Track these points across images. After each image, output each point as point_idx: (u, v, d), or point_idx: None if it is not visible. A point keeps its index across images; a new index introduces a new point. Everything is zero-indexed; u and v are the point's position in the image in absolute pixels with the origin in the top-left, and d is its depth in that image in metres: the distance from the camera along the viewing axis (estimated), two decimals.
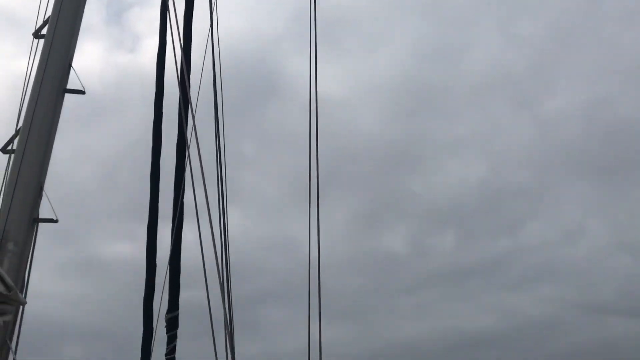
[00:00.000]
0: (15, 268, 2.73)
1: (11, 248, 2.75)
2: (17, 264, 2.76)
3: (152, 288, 6.28)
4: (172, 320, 7.21)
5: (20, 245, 2.82)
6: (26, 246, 2.87)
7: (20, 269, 2.78)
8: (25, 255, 2.85)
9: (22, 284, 2.79)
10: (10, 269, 2.69)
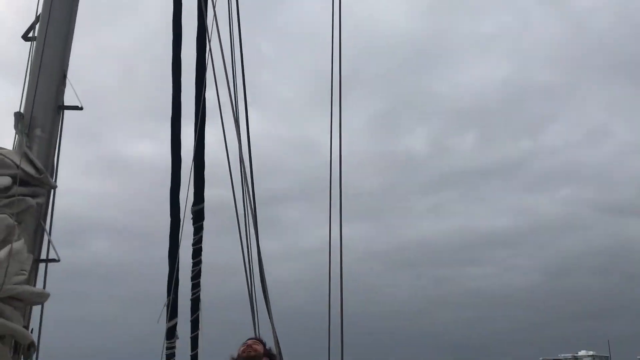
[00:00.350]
0: (44, 153, 2.76)
1: (39, 134, 2.77)
2: (46, 149, 2.78)
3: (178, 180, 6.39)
4: (198, 212, 7.43)
5: (47, 132, 2.82)
6: (53, 133, 2.88)
7: (49, 154, 2.81)
8: (53, 142, 2.86)
9: (52, 169, 2.83)
10: (39, 153, 2.72)
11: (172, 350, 8.44)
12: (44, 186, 2.66)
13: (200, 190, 7.07)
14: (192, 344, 9.09)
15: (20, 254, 2.35)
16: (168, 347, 8.26)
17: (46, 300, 2.48)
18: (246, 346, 3.60)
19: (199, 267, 8.25)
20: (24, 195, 2.52)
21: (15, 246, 2.30)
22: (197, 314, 8.65)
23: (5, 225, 2.35)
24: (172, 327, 8.13)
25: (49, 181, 2.68)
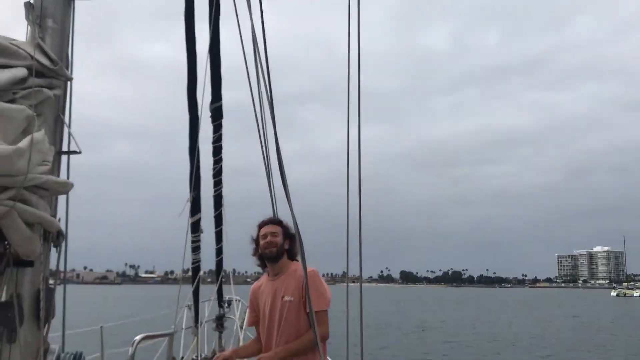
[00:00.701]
0: (57, 44, 2.68)
1: (50, 25, 2.67)
2: (59, 41, 2.69)
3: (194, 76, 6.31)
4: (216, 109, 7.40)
5: (59, 23, 2.72)
6: (65, 24, 2.77)
7: (62, 45, 2.72)
8: (65, 33, 2.77)
9: (66, 61, 2.77)
10: (52, 45, 2.64)
11: (197, 243, 8.73)
12: (60, 77, 2.61)
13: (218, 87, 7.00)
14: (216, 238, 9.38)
15: (42, 144, 2.34)
16: (193, 241, 8.55)
17: (70, 189, 2.50)
18: (267, 242, 3.58)
19: (219, 165, 8.34)
20: (41, 86, 2.48)
21: (36, 136, 2.29)
22: (220, 210, 8.86)
23: (24, 116, 2.33)
24: (196, 222, 8.36)
25: (64, 72, 2.63)
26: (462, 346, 26.04)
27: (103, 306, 56.40)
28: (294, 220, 3.02)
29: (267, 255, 3.58)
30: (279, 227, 3.63)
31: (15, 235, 2.23)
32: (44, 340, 2.45)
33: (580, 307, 76.89)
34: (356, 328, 3.31)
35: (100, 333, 7.98)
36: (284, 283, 3.53)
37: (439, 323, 42.12)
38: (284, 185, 2.74)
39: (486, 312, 60.18)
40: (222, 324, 10.29)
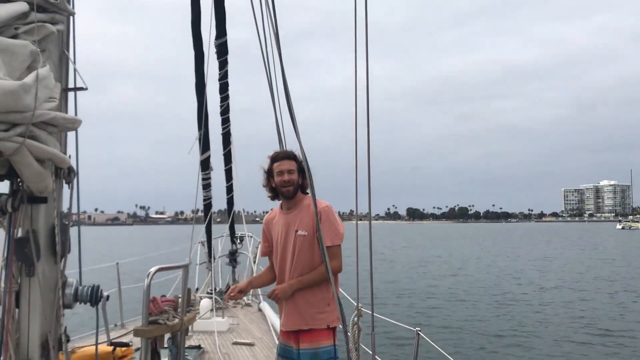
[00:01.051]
0: None
1: None
2: None
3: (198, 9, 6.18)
4: (221, 45, 7.28)
5: None
6: None
7: None
8: None
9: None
10: None
11: (208, 181, 8.80)
12: (62, 12, 2.54)
13: (222, 23, 6.86)
14: (226, 176, 9.43)
15: (47, 80, 2.30)
16: (204, 178, 8.61)
17: (79, 126, 2.49)
18: (284, 181, 3.54)
19: (227, 102, 8.30)
20: (43, 21, 2.43)
21: (41, 72, 2.25)
22: (229, 148, 8.87)
23: (28, 52, 2.28)
24: (205, 160, 8.40)
25: (66, 7, 2.56)
26: (469, 280, 26.45)
27: (116, 246, 57.55)
28: (304, 156, 3.01)
29: (283, 194, 3.57)
30: (294, 162, 3.57)
31: (27, 172, 2.23)
32: (62, 274, 2.50)
33: (586, 239, 77.63)
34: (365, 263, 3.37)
35: (117, 269, 8.19)
36: (297, 217, 3.55)
37: (447, 257, 42.74)
38: (292, 120, 2.71)
39: (491, 246, 60.91)
40: (235, 259, 10.52)
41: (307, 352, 3.40)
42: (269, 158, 3.66)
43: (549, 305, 18.57)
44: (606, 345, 13.02)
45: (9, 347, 2.37)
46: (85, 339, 5.51)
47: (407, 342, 11.73)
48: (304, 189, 3.60)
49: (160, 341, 2.57)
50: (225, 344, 6.93)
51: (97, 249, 42.43)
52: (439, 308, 17.88)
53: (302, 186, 3.58)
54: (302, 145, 2.70)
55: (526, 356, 12.12)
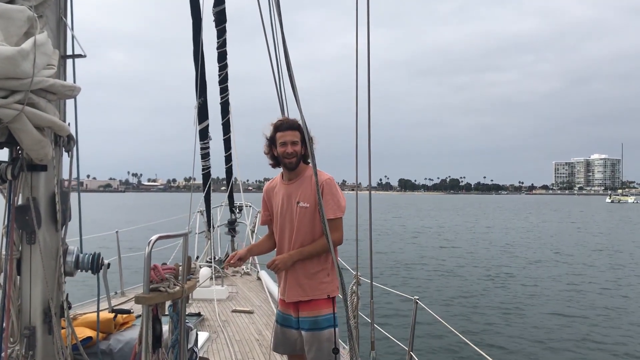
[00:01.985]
0: None
1: None
2: None
3: None
4: (219, 13, 7.14)
5: None
6: None
7: None
8: None
9: None
10: None
11: (207, 150, 8.73)
12: None
13: None
14: (225, 146, 9.35)
15: (45, 47, 2.24)
16: (202, 148, 8.54)
17: (78, 93, 2.43)
18: (287, 152, 3.45)
19: (225, 71, 8.18)
20: None
21: (39, 38, 2.18)
22: (228, 118, 8.78)
23: (26, 17, 2.22)
24: (204, 129, 8.32)
25: None
26: (462, 251, 26.65)
27: (113, 214, 57.39)
28: (305, 126, 2.96)
29: (286, 165, 3.51)
30: (298, 133, 3.46)
31: (26, 139, 2.19)
32: (62, 241, 2.48)
33: (575, 212, 78.21)
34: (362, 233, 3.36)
35: (117, 237, 8.19)
36: (299, 188, 3.50)
37: (437, 228, 43.00)
38: (293, 89, 2.66)
39: (483, 217, 61.28)
40: (234, 229, 10.53)
41: (306, 320, 3.41)
42: (271, 125, 3.55)
43: (542, 278, 18.72)
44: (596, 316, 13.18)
45: (11, 313, 2.37)
46: (87, 306, 5.53)
47: (404, 311, 11.85)
48: (305, 159, 3.55)
49: (161, 308, 2.57)
50: (225, 312, 6.98)
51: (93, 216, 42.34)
52: (433, 279, 18.03)
53: (304, 156, 3.52)
54: (303, 114, 2.67)
55: (520, 323, 12.29)
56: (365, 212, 3.51)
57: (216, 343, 5.66)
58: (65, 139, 2.48)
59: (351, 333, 3.05)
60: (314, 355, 3.39)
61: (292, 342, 3.54)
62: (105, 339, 2.83)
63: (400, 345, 4.19)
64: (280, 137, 3.48)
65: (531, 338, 10.92)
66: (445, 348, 9.75)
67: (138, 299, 2.32)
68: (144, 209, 73.99)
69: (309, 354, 3.41)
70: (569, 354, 10.02)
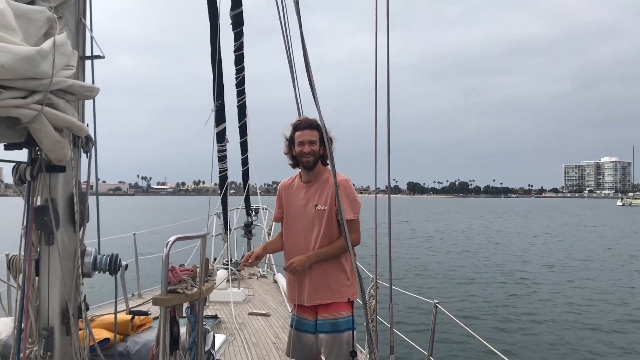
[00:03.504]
0: None
1: None
2: None
3: None
4: (237, 16, 7.10)
5: None
6: None
7: None
8: None
9: None
10: None
11: (224, 153, 8.69)
12: None
13: None
14: (241, 149, 9.30)
15: (65, 47, 2.20)
16: (219, 150, 8.50)
17: (97, 94, 2.39)
18: (305, 152, 3.40)
19: (242, 74, 8.14)
20: None
21: (58, 39, 2.15)
22: (245, 120, 8.73)
23: (45, 18, 2.18)
24: (221, 132, 8.27)
25: None
26: (477, 255, 26.26)
27: (123, 216, 57.50)
28: (323, 126, 2.90)
29: (303, 164, 3.45)
30: (316, 132, 3.39)
31: (45, 140, 2.15)
32: (81, 242, 2.44)
33: (587, 216, 77.30)
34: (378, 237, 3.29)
35: (134, 239, 8.17)
36: (317, 191, 3.43)
37: (451, 232, 42.63)
38: (312, 89, 2.60)
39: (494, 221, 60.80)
40: (251, 231, 10.48)
41: (326, 322, 3.33)
42: (291, 125, 3.50)
43: (561, 283, 18.33)
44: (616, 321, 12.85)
45: (29, 314, 2.33)
46: (104, 307, 5.50)
47: (423, 315, 11.68)
48: (324, 160, 3.48)
49: (178, 310, 2.52)
50: (242, 314, 6.93)
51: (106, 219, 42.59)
52: (451, 283, 17.71)
53: (322, 157, 3.45)
54: (322, 115, 2.60)
55: (542, 329, 12.04)
56: (378, 216, 3.44)
57: (233, 346, 5.61)
58: (83, 139, 2.44)
59: (370, 337, 2.98)
60: (335, 358, 3.31)
61: (308, 347, 3.46)
62: (122, 341, 2.78)
63: (420, 349, 4.10)
64: (299, 136, 3.43)
65: (553, 343, 10.64)
66: (466, 353, 9.52)
67: (155, 301, 2.27)
68: (156, 212, 74.21)
69: (328, 357, 3.34)
70: None
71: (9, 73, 1.88)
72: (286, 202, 3.60)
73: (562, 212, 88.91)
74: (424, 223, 54.97)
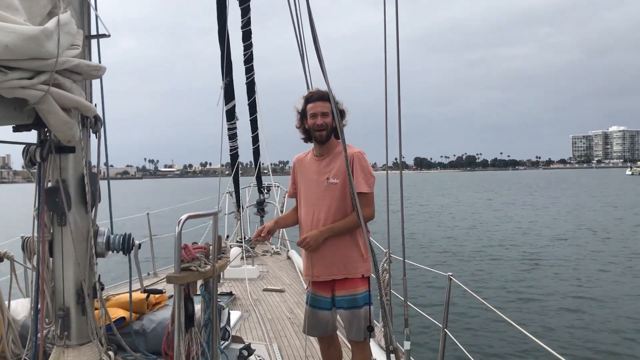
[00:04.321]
0: None
1: None
2: None
3: None
4: None
5: None
6: None
7: None
8: None
9: None
10: None
11: (234, 131, 8.64)
12: None
13: None
14: (252, 127, 9.23)
15: (69, 26, 2.16)
16: (229, 129, 8.44)
17: (103, 73, 2.35)
18: (317, 125, 3.30)
19: (250, 51, 8.03)
20: None
21: (62, 18, 2.10)
22: (254, 98, 8.64)
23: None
24: (231, 110, 8.19)
25: None
26: (491, 231, 25.96)
27: (133, 199, 57.52)
28: (333, 100, 2.85)
29: (316, 138, 3.36)
30: (328, 104, 3.25)
31: (53, 121, 2.12)
32: (93, 222, 2.42)
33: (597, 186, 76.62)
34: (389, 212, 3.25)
35: (147, 219, 8.20)
36: (329, 164, 3.35)
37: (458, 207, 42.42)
38: (320, 63, 2.54)
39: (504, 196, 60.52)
40: (263, 209, 10.48)
41: (345, 299, 3.30)
42: (302, 98, 3.41)
43: (575, 255, 18.11)
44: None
45: (45, 295, 2.33)
46: (119, 287, 5.53)
47: (438, 289, 11.64)
48: (337, 134, 3.41)
49: (193, 288, 2.51)
50: (256, 291, 6.96)
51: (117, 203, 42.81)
52: (465, 257, 17.60)
53: (335, 130, 3.32)
54: (330, 88, 2.55)
55: (558, 301, 11.96)
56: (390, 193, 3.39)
57: (248, 322, 5.64)
58: (92, 120, 2.41)
59: (385, 310, 2.96)
60: (355, 334, 3.29)
61: (324, 324, 3.44)
62: (138, 319, 2.79)
63: (435, 322, 4.09)
64: (311, 108, 3.34)
65: (568, 315, 10.56)
66: (481, 325, 9.49)
67: (169, 279, 2.26)
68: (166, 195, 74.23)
69: (349, 333, 3.31)
70: (610, 336, 9.50)
71: (14, 53, 1.84)
72: (299, 176, 3.53)
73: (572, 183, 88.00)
74: (434, 199, 54.80)
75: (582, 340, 9.11)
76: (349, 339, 3.38)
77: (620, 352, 8.65)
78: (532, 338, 2.95)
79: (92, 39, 2.54)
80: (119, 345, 2.60)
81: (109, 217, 2.66)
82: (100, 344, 2.41)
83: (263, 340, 4.91)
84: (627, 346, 8.89)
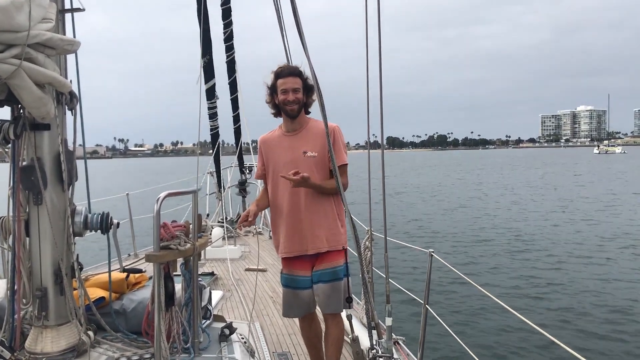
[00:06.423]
0: None
1: None
2: None
3: None
4: None
5: None
6: None
7: None
8: None
9: None
10: None
11: (214, 110, 8.47)
12: None
13: None
14: (232, 106, 9.06)
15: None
16: (210, 108, 8.28)
17: (78, 48, 2.25)
18: (288, 100, 3.23)
19: (230, 29, 7.86)
20: None
21: None
22: (234, 77, 8.46)
23: None
24: (211, 88, 8.02)
25: None
26: (471, 208, 25.96)
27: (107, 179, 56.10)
28: (314, 75, 2.78)
29: (287, 113, 3.31)
30: (299, 79, 3.23)
31: (26, 97, 2.02)
32: (70, 201, 2.34)
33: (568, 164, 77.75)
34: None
35: (127, 200, 8.04)
36: (303, 138, 3.30)
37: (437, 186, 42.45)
38: (301, 37, 2.47)
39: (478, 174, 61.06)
40: (245, 189, 10.35)
41: (326, 272, 3.26)
42: (272, 73, 3.32)
43: (552, 226, 18.46)
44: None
45: (22, 275, 2.25)
46: (99, 268, 5.42)
47: (419, 265, 11.69)
48: (307, 109, 3.35)
49: (173, 266, 2.45)
50: (238, 271, 6.89)
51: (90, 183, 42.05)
52: (446, 235, 17.66)
53: (305, 105, 3.31)
54: (311, 63, 2.48)
55: (529, 268, 12.21)
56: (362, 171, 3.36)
57: (230, 301, 5.58)
58: (67, 96, 2.31)
59: (367, 287, 2.93)
60: (335, 306, 3.27)
61: (305, 303, 3.38)
62: (118, 299, 2.72)
63: (416, 298, 4.08)
64: (282, 84, 3.26)
65: (548, 290, 10.59)
66: (462, 300, 9.53)
67: (148, 257, 2.19)
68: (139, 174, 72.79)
69: (328, 306, 3.27)
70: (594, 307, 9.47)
71: None
72: (269, 155, 3.44)
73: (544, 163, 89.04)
74: (407, 178, 55.00)
75: (560, 312, 9.22)
76: (325, 313, 3.33)
77: (595, 314, 8.84)
78: (512, 311, 2.96)
79: (66, 12, 2.42)
80: (98, 325, 2.53)
81: (87, 196, 2.57)
82: (79, 324, 2.35)
83: (245, 319, 4.87)
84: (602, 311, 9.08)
